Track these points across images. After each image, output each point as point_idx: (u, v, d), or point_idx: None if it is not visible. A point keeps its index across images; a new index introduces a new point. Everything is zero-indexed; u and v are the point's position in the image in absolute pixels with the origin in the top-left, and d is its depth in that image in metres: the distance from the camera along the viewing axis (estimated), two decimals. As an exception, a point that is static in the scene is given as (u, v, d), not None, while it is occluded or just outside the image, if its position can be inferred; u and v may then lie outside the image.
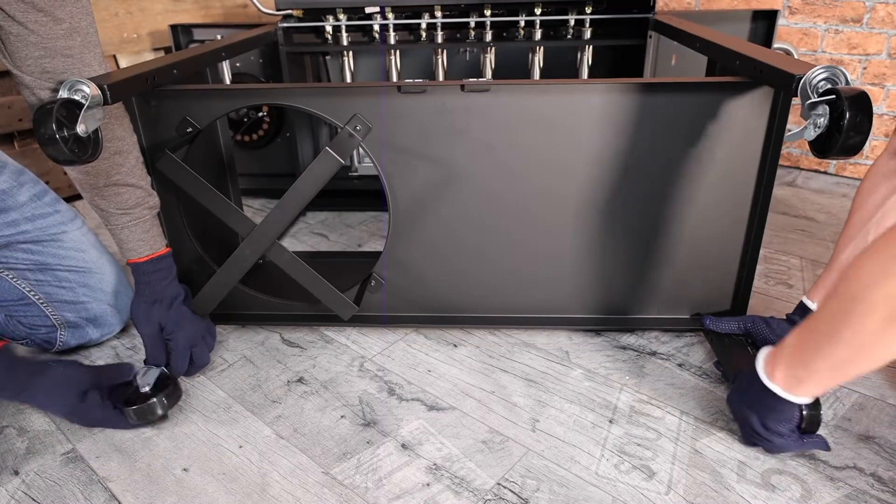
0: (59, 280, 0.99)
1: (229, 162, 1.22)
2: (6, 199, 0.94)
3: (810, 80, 0.72)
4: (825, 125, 0.70)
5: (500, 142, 0.94)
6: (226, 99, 0.95)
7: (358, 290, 1.04)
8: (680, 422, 0.87)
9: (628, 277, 1.03)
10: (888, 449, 0.82)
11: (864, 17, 1.69)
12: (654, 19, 1.36)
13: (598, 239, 1.00)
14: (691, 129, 0.91)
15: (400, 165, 0.97)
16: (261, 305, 1.09)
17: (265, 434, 0.87)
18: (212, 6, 2.02)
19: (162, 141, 0.97)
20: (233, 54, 1.23)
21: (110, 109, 0.85)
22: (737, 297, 1.03)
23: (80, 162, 0.72)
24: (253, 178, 1.68)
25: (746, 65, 0.87)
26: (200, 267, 1.05)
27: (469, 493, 0.76)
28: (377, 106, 0.93)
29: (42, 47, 0.77)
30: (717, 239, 0.99)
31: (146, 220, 0.92)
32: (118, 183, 0.88)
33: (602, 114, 0.91)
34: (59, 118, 0.68)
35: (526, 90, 0.91)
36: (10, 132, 1.59)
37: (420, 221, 1.00)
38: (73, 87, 0.73)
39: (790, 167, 1.94)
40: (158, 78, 0.92)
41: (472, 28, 1.45)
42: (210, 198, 0.95)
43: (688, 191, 0.95)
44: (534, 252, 1.01)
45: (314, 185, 0.94)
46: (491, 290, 1.05)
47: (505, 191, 0.97)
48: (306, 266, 0.98)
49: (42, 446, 0.86)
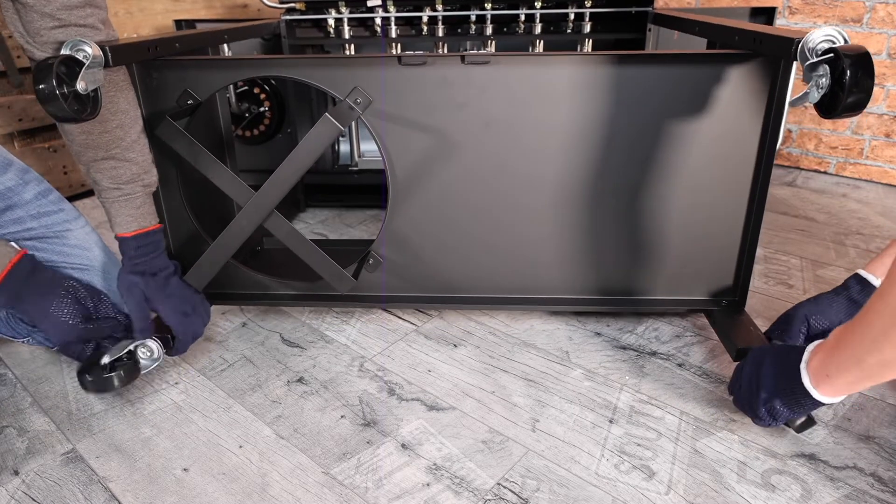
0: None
1: (229, 146, 1.22)
2: (12, 197, 0.94)
3: (808, 42, 0.72)
4: (827, 85, 0.69)
5: (500, 114, 0.94)
6: (226, 70, 0.96)
7: (356, 266, 1.05)
8: (680, 422, 0.87)
9: (628, 258, 1.02)
10: (888, 449, 0.82)
11: (864, 17, 1.69)
12: (653, 12, 1.36)
13: (597, 217, 1.00)
14: (692, 102, 0.91)
15: (400, 138, 0.97)
16: (257, 285, 1.09)
17: (265, 434, 0.87)
18: (213, 5, 2.02)
19: (162, 113, 0.97)
20: (235, 38, 1.25)
21: (116, 81, 0.86)
22: (738, 276, 1.02)
23: (78, 119, 0.72)
24: (254, 174, 1.68)
25: (745, 38, 0.88)
26: (197, 243, 1.05)
27: (469, 493, 0.76)
28: (378, 78, 0.93)
29: (56, 18, 0.77)
30: (718, 218, 0.98)
31: (138, 197, 0.92)
32: (116, 157, 0.88)
33: (602, 87, 0.91)
34: (59, 74, 0.68)
35: (525, 62, 0.91)
36: (10, 132, 1.59)
37: (419, 195, 1.00)
38: (75, 46, 0.74)
39: (790, 167, 1.94)
40: (160, 48, 0.94)
41: (473, 21, 1.46)
42: (208, 165, 0.94)
43: (689, 167, 0.95)
44: (533, 230, 1.01)
45: (313, 151, 0.94)
46: (490, 271, 1.05)
47: (505, 165, 0.97)
48: (304, 238, 0.98)
49: (42, 446, 0.86)
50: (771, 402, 0.75)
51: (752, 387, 0.78)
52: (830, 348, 0.70)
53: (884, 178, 1.79)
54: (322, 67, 0.94)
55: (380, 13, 1.46)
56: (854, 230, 1.48)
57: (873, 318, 0.62)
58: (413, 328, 1.11)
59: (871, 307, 0.63)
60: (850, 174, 1.85)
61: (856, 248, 1.39)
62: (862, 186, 1.78)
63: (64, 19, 0.78)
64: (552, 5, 1.44)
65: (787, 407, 0.75)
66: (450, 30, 1.49)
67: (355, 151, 1.63)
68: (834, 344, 0.69)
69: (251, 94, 1.55)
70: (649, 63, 0.90)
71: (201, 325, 0.99)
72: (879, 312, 0.62)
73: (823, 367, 0.70)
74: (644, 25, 1.39)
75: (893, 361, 0.61)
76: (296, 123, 1.58)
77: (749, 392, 0.79)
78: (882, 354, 0.62)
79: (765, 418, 0.77)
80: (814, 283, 1.23)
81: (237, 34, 1.25)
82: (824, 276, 1.27)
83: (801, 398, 0.73)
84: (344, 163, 1.64)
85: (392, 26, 1.47)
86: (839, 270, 1.28)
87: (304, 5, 1.48)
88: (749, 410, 0.79)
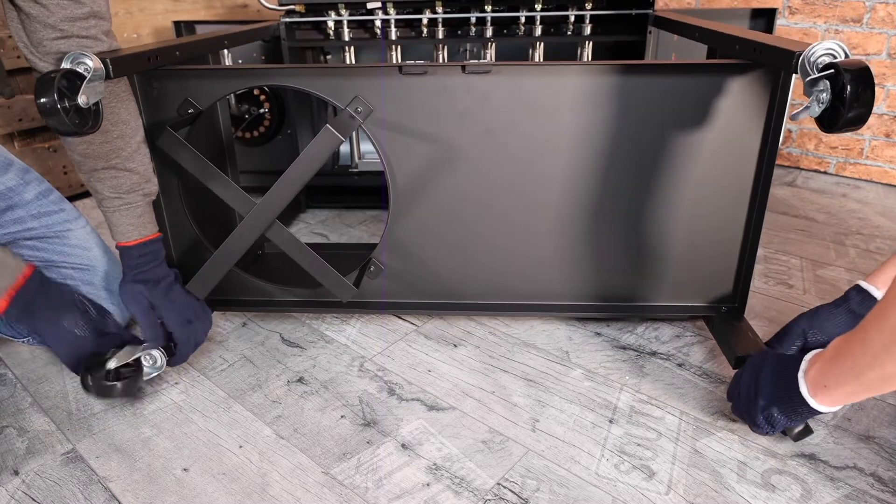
0: (64, 278, 0.99)
1: (229, 151, 1.22)
2: (13, 197, 0.94)
3: (809, 56, 0.72)
4: (828, 100, 0.69)
5: (501, 123, 0.94)
6: (227, 79, 0.96)
7: (357, 274, 1.05)
8: (680, 422, 0.87)
9: (629, 264, 1.03)
10: (888, 449, 0.82)
11: (864, 17, 1.69)
12: (654, 15, 1.36)
13: (598, 225, 1.00)
14: (693, 111, 0.91)
15: (400, 147, 0.97)
16: (258, 292, 1.09)
17: (265, 434, 0.87)
18: (213, 6, 2.02)
19: (163, 122, 0.97)
20: (235, 43, 1.24)
21: (117, 92, 0.86)
22: (737, 283, 1.03)
23: (80, 133, 0.72)
24: (254, 176, 1.69)
25: (746, 47, 0.88)
26: (198, 251, 1.05)
27: (469, 492, 0.76)
28: (378, 87, 0.93)
29: (59, 29, 0.78)
30: (718, 225, 0.98)
31: (139, 206, 0.92)
32: (116, 167, 0.88)
33: (603, 96, 0.91)
34: (61, 88, 0.68)
35: (526, 72, 0.91)
36: (10, 132, 1.59)
37: (420, 202, 1.00)
38: (76, 59, 0.74)
39: (790, 167, 1.94)
40: (161, 58, 0.93)
41: (473, 24, 1.46)
42: (210, 175, 0.95)
43: (689, 173, 0.95)
44: (534, 238, 1.01)
45: (314, 161, 0.94)
46: (491, 277, 1.05)
47: (505, 173, 0.97)
48: (305, 246, 0.98)
49: (42, 446, 0.86)
50: (769, 409, 0.76)
51: (751, 394, 0.78)
52: (829, 359, 0.70)
53: (884, 178, 1.79)
54: (323, 76, 0.94)
55: (380, 16, 1.46)
56: (854, 230, 1.48)
57: (874, 332, 0.62)
58: (413, 328, 1.11)
59: (871, 321, 0.63)
60: (850, 174, 1.85)
61: (856, 248, 1.39)
62: (862, 186, 1.78)
63: (67, 30, 0.78)
64: (552, 7, 1.44)
65: (785, 415, 0.75)
66: (450, 32, 1.49)
67: (355, 153, 1.63)
68: (833, 355, 0.69)
69: (251, 95, 1.55)
70: (649, 73, 0.90)
71: (203, 333, 0.99)
72: (881, 327, 0.61)
73: (822, 377, 0.70)
74: (644, 28, 1.39)
75: (893, 376, 0.61)
76: (296, 125, 1.58)
77: (747, 399, 0.79)
78: (883, 369, 0.61)
79: (763, 426, 0.77)
80: (814, 284, 1.23)
81: (237, 39, 1.25)
82: (824, 276, 1.27)
83: (798, 406, 0.73)
84: (344, 164, 1.64)
85: (392, 29, 1.47)
86: (839, 270, 1.29)
87: (303, 7, 1.48)
88: (747, 417, 0.80)
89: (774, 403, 0.75)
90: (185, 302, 0.96)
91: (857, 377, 0.65)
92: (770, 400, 0.76)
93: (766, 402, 0.76)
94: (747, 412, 0.79)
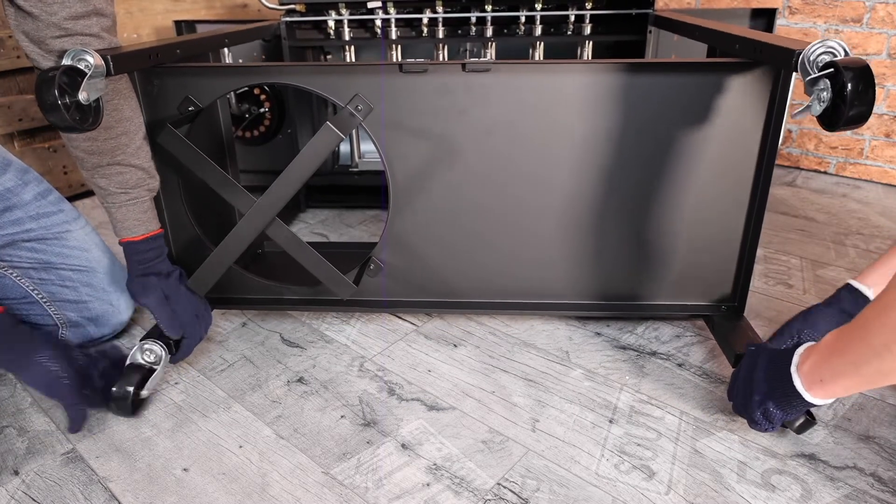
0: (63, 279, 1.00)
1: (230, 150, 1.22)
2: (11, 198, 0.94)
3: (809, 55, 0.72)
4: (829, 99, 0.69)
5: (501, 121, 0.94)
6: (227, 77, 0.96)
7: (357, 272, 1.05)
8: (680, 422, 0.87)
9: (628, 263, 1.02)
10: (888, 449, 0.82)
11: (864, 17, 1.69)
12: (654, 14, 1.36)
13: (598, 223, 1.00)
14: (693, 110, 0.91)
15: (401, 144, 0.97)
16: (258, 290, 1.09)
17: (265, 434, 0.87)
18: (213, 6, 2.02)
19: (163, 120, 0.97)
20: (235, 42, 1.24)
21: (119, 89, 0.86)
22: (737, 283, 1.02)
23: (81, 129, 0.72)
24: (254, 175, 1.69)
25: (746, 46, 0.88)
26: (198, 248, 1.05)
27: (469, 492, 0.76)
28: (378, 85, 0.93)
29: (62, 28, 0.77)
30: (718, 224, 0.98)
31: (144, 201, 0.92)
32: (121, 163, 0.88)
33: (603, 95, 0.91)
34: (62, 85, 0.69)
35: (526, 70, 0.91)
36: (10, 132, 1.59)
37: (420, 200, 1.00)
38: (77, 56, 0.74)
39: (790, 167, 1.94)
40: (161, 55, 0.93)
41: (473, 23, 1.46)
42: (210, 172, 0.94)
43: (689, 172, 0.95)
44: (534, 236, 1.01)
45: (314, 159, 0.94)
46: (491, 275, 1.05)
47: (505, 172, 0.97)
48: (305, 243, 0.98)
49: (42, 446, 0.86)
50: (764, 404, 0.76)
51: (747, 390, 0.78)
52: (824, 353, 0.70)
53: (884, 178, 1.79)
54: (323, 74, 0.94)
55: (380, 15, 1.46)
56: (854, 230, 1.48)
57: (874, 328, 0.62)
58: (413, 328, 1.11)
59: (872, 316, 0.63)
60: (850, 174, 1.85)
61: (856, 248, 1.39)
62: (862, 186, 1.78)
63: (69, 29, 0.78)
64: (552, 7, 1.44)
65: (780, 409, 0.75)
66: (450, 31, 1.49)
67: (355, 153, 1.63)
68: (828, 349, 0.69)
69: (251, 94, 1.55)
70: (649, 71, 0.90)
71: (205, 330, 0.99)
72: (881, 323, 0.61)
73: (816, 371, 0.70)
74: (644, 28, 1.39)
75: (893, 371, 0.61)
76: (296, 124, 1.58)
77: (744, 395, 0.79)
78: (882, 364, 0.61)
79: (760, 422, 0.77)
80: (814, 283, 1.24)
81: (237, 38, 1.25)
82: (824, 275, 1.27)
83: (793, 400, 0.73)
84: (344, 164, 1.64)
85: (392, 28, 1.47)
86: (839, 270, 1.29)
87: (304, 7, 1.48)
88: (745, 413, 0.80)
89: (769, 398, 0.75)
90: (189, 297, 0.97)
91: (857, 371, 0.65)
92: (765, 395, 0.76)
93: (761, 398, 0.76)
94: (745, 408, 0.79)
